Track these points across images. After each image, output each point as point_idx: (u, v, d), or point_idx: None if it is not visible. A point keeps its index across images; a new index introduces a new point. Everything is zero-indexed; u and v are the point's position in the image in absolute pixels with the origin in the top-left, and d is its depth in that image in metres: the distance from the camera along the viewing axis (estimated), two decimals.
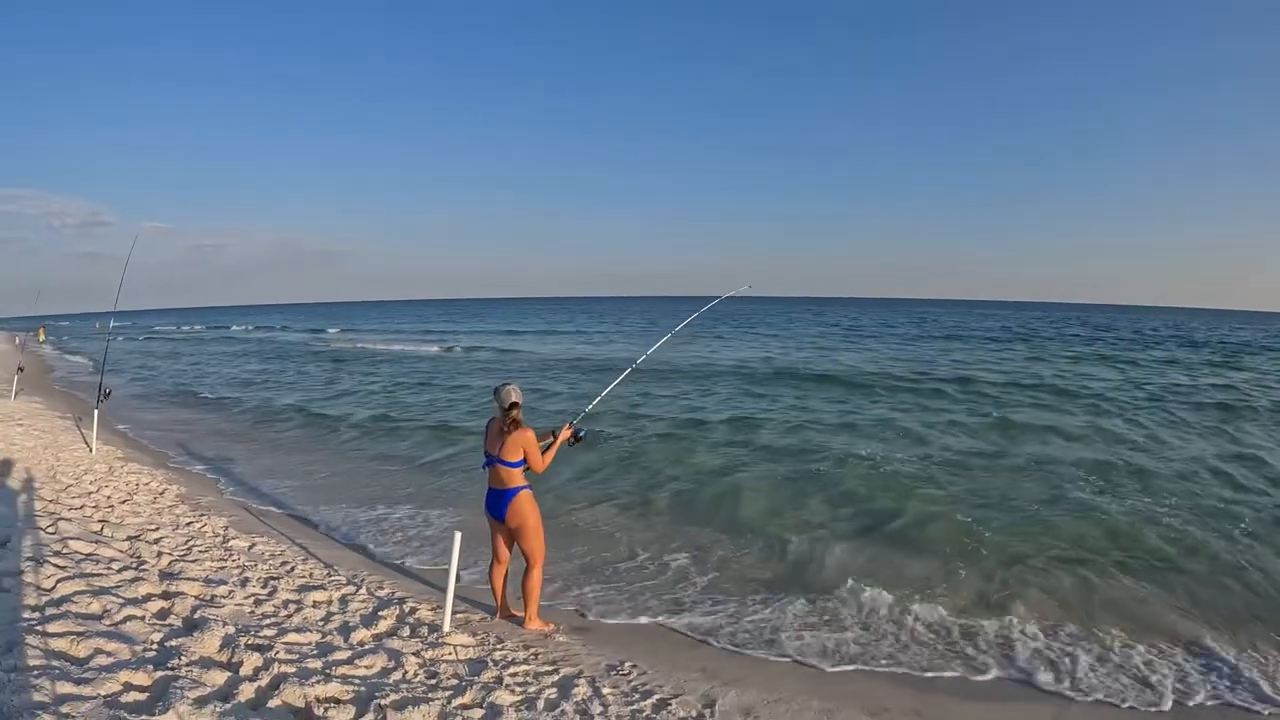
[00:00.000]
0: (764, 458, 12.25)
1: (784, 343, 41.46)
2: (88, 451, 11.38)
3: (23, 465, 9.39)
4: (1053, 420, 15.77)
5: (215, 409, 19.32)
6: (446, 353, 38.99)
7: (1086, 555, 7.62)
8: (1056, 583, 6.97)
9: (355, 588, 6.23)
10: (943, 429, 14.80)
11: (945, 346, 39.18)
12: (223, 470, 11.54)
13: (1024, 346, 39.01)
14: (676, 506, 9.55)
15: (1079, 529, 8.38)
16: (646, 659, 5.20)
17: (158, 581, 5.68)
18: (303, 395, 21.56)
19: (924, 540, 8.11)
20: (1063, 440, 13.77)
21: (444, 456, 12.67)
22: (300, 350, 42.41)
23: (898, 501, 9.44)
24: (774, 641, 5.82)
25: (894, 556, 7.68)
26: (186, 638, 4.56)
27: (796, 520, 8.82)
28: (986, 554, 7.62)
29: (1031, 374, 25.02)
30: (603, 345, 42.22)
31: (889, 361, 29.77)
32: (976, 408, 17.60)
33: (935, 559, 7.57)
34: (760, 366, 27.29)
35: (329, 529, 8.60)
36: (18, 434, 12.10)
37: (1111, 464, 11.64)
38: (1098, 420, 15.88)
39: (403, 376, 26.39)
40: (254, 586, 5.93)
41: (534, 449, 5.37)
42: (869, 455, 12.12)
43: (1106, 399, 19.10)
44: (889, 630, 6.07)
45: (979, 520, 8.59)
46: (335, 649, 4.78)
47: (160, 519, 7.83)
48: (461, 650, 5.00)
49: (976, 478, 10.87)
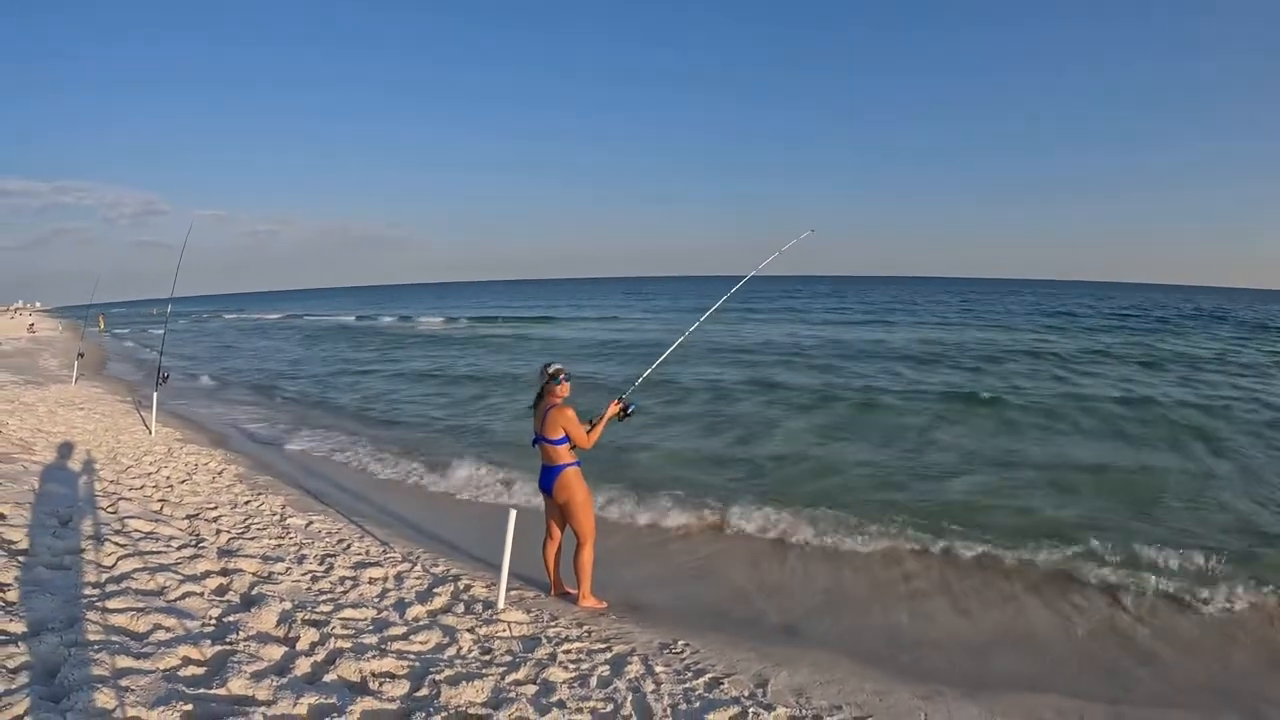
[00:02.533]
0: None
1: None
2: (147, 433, 11.73)
3: (84, 447, 9.69)
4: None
5: (278, 393, 19.72)
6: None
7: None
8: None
9: (410, 564, 6.30)
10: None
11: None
12: (280, 450, 11.79)
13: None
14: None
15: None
16: (699, 638, 5.16)
17: (216, 559, 5.81)
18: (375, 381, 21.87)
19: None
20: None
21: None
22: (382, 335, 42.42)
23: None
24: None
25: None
26: (244, 613, 4.65)
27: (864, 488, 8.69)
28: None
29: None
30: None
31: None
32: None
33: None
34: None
35: (386, 506, 8.72)
36: (79, 418, 12.52)
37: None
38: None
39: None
40: (311, 563, 6.04)
41: (574, 426, 5.45)
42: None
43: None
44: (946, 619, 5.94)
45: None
46: (390, 625, 4.83)
47: (219, 498, 8.02)
48: (516, 627, 5.01)
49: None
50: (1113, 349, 25.61)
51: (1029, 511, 8.20)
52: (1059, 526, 7.57)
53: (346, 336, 40.99)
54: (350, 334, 42.87)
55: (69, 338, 29.18)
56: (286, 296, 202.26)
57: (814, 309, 53.00)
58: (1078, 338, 30.61)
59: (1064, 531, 7.32)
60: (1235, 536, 7.40)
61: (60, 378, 19.38)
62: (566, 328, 42.83)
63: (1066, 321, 40.53)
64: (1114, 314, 47.22)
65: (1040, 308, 54.61)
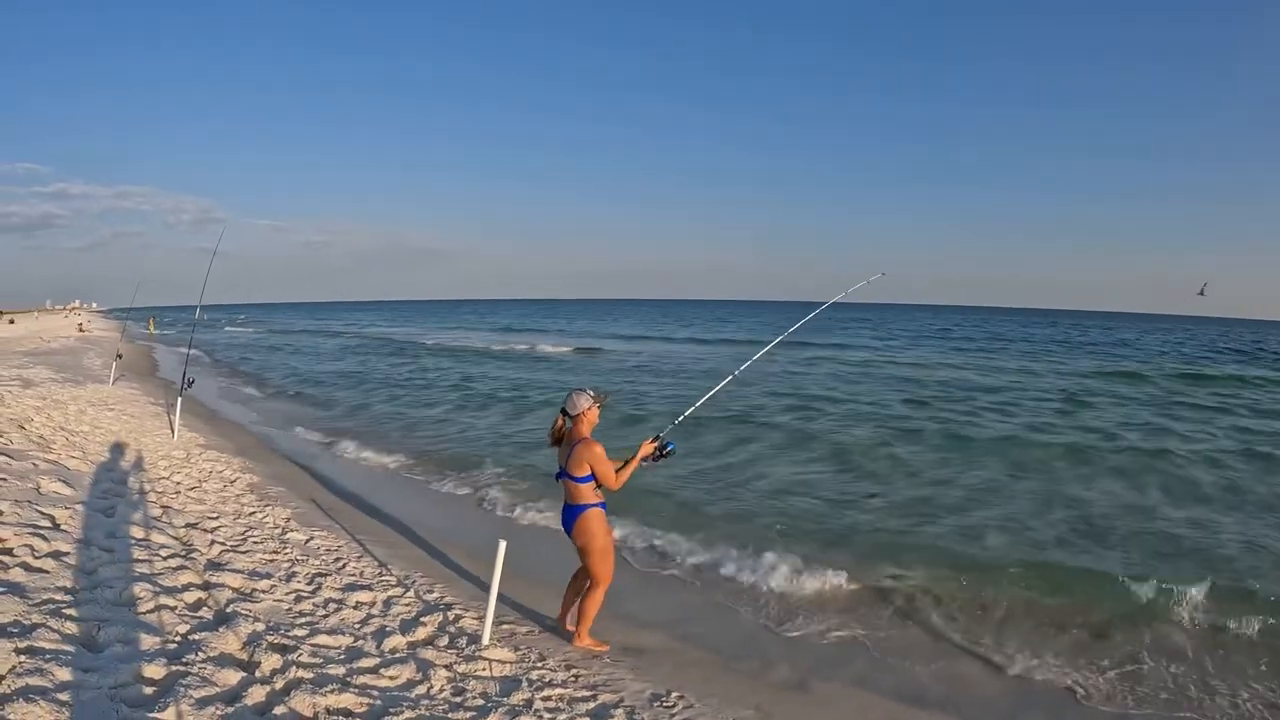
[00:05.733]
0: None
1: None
2: (170, 437, 11.78)
3: (102, 448, 9.79)
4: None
5: (319, 402, 19.84)
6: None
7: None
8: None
9: (404, 589, 6.09)
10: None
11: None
12: (304, 463, 11.76)
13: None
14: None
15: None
16: (697, 690, 4.80)
17: (201, 571, 5.70)
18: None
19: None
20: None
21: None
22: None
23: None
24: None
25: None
26: (211, 632, 4.49)
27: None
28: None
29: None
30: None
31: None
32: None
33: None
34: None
35: (394, 523, 8.56)
36: (107, 418, 12.70)
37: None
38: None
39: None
40: (299, 582, 5.88)
41: (602, 463, 5.08)
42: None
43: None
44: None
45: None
46: (364, 655, 4.62)
47: (224, 508, 7.96)
48: (497, 666, 4.74)
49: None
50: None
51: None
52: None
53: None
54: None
55: (118, 339, 29.91)
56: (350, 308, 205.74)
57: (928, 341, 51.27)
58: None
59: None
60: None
61: (100, 377, 19.79)
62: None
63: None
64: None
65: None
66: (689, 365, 31.17)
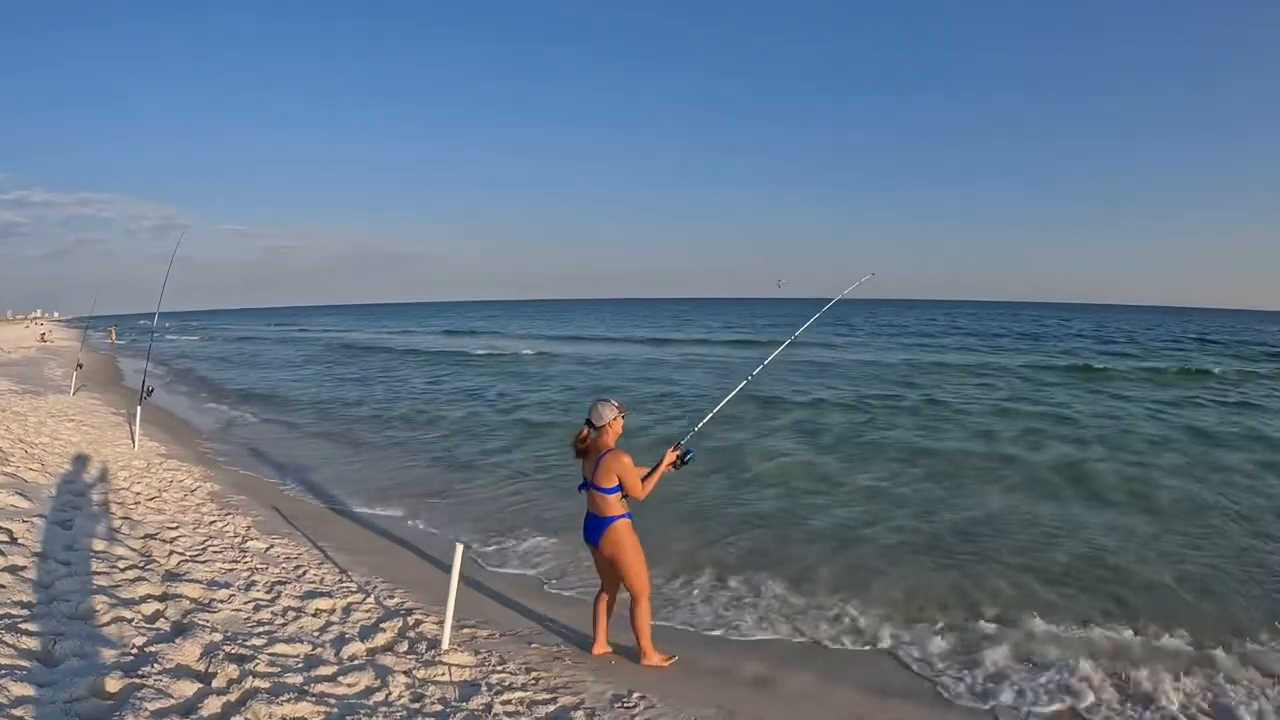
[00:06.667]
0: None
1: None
2: (130, 447, 11.66)
3: (61, 460, 9.70)
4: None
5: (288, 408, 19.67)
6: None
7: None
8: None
9: (364, 595, 6.13)
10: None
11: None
12: (265, 469, 11.72)
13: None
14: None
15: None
16: (660, 689, 4.86)
17: (159, 583, 5.70)
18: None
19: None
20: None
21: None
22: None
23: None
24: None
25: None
26: (168, 644, 4.49)
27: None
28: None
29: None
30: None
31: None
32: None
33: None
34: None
35: (358, 529, 8.60)
36: (67, 429, 12.56)
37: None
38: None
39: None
40: (258, 591, 5.89)
41: (631, 474, 5.04)
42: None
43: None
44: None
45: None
46: (322, 663, 4.65)
47: (183, 517, 7.92)
48: (457, 671, 4.79)
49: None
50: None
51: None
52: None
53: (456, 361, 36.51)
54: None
55: (79, 348, 29.48)
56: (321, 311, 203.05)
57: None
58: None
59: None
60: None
61: (61, 388, 19.55)
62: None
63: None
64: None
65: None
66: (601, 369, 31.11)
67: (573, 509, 8.37)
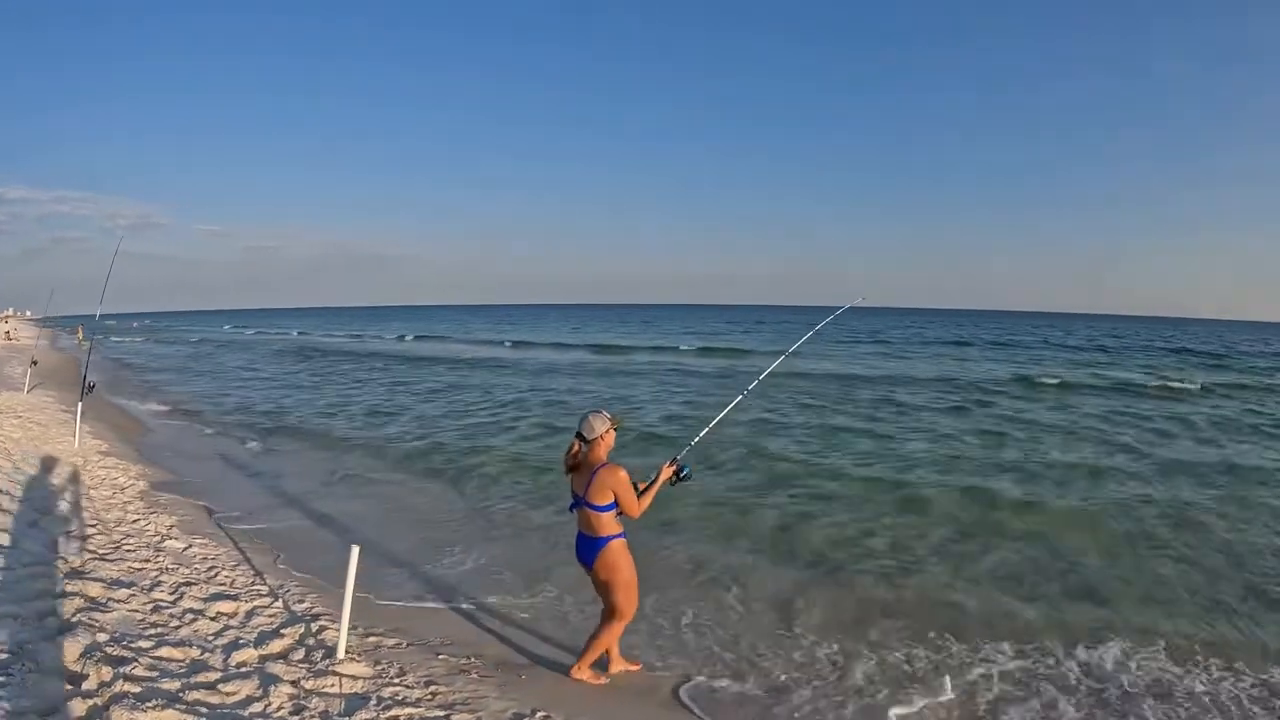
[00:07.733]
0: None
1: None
2: (72, 444, 11.44)
3: None
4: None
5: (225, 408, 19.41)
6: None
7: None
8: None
9: (272, 599, 5.97)
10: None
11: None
12: (205, 467, 11.48)
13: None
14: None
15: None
16: (568, 708, 4.64)
17: (60, 580, 5.51)
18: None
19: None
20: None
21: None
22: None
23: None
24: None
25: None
26: (48, 643, 4.34)
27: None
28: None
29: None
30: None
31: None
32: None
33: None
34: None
35: (285, 529, 8.40)
36: (12, 425, 12.32)
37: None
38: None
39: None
40: (161, 591, 5.74)
41: (626, 490, 4.74)
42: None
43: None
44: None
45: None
46: (207, 669, 4.49)
47: (106, 515, 7.76)
48: (349, 682, 4.62)
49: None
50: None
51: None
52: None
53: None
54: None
55: (46, 346, 29.18)
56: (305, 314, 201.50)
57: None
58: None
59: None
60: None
61: (17, 385, 19.29)
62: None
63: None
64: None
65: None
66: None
67: (502, 518, 8.37)
